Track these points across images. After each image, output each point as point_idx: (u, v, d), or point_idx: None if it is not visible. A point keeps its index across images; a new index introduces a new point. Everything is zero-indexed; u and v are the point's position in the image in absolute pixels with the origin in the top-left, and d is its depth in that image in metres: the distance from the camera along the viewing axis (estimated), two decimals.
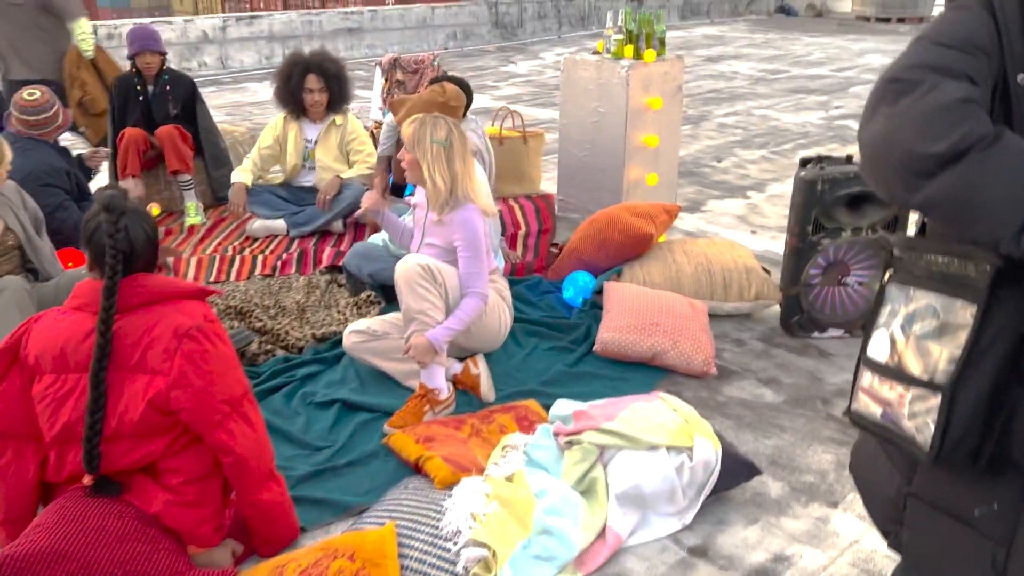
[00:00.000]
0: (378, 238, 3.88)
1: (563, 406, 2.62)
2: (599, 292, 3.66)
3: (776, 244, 4.58)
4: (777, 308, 3.64)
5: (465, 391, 3.02)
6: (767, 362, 3.35)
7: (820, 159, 3.41)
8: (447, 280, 2.93)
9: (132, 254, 2.07)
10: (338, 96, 4.65)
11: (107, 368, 2.01)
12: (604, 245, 3.81)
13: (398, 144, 4.13)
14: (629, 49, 4.43)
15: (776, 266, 3.99)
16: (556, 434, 2.52)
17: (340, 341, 3.22)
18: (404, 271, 2.87)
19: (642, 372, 3.20)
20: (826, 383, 3.20)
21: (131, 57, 4.74)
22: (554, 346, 3.37)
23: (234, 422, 2.09)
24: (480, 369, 3.04)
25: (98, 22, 10.83)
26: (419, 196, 3.15)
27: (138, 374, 2.04)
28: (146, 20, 10.83)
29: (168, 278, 2.16)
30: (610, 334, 3.24)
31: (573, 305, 3.68)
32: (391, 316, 3.14)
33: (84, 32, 4.92)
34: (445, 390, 2.89)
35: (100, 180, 5.32)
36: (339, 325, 3.49)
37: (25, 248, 3.21)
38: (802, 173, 3.35)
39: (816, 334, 3.53)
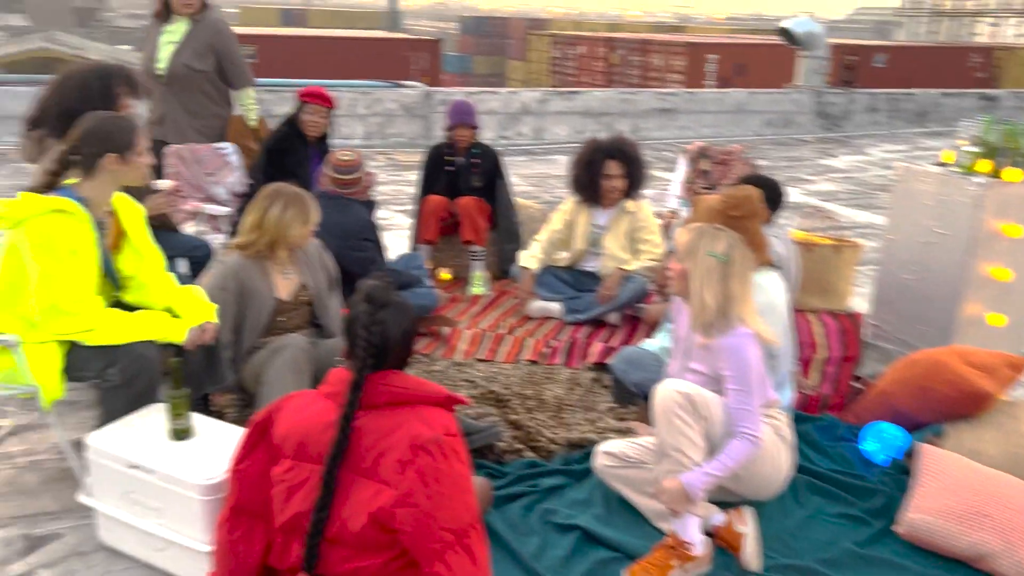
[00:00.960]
0: (653, 344, 3.56)
1: None
2: (911, 454, 3.00)
3: None
4: None
5: (725, 549, 2.56)
6: None
7: None
8: (712, 413, 2.54)
9: (385, 349, 1.96)
10: (635, 182, 4.47)
11: (340, 467, 1.91)
12: (924, 395, 3.15)
13: None
14: (985, 164, 3.72)
15: None
16: None
17: (592, 453, 2.93)
18: (662, 398, 2.53)
19: (958, 575, 2.51)
20: None
21: (447, 129, 4.95)
22: (844, 513, 2.79)
23: (455, 554, 1.87)
24: (747, 527, 2.56)
25: (439, 88, 11.89)
26: (680, 311, 2.80)
27: (368, 481, 1.90)
28: (477, 89, 11.67)
29: (417, 379, 2.02)
30: (921, 516, 2.60)
31: (874, 463, 3.06)
32: (648, 440, 2.79)
33: (251, 101, 4.99)
34: (699, 545, 2.47)
35: (399, 242, 5.60)
36: (595, 432, 3.21)
37: (315, 305, 3.33)
38: None
39: None
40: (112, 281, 2.82)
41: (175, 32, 4.69)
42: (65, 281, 2.57)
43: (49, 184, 2.64)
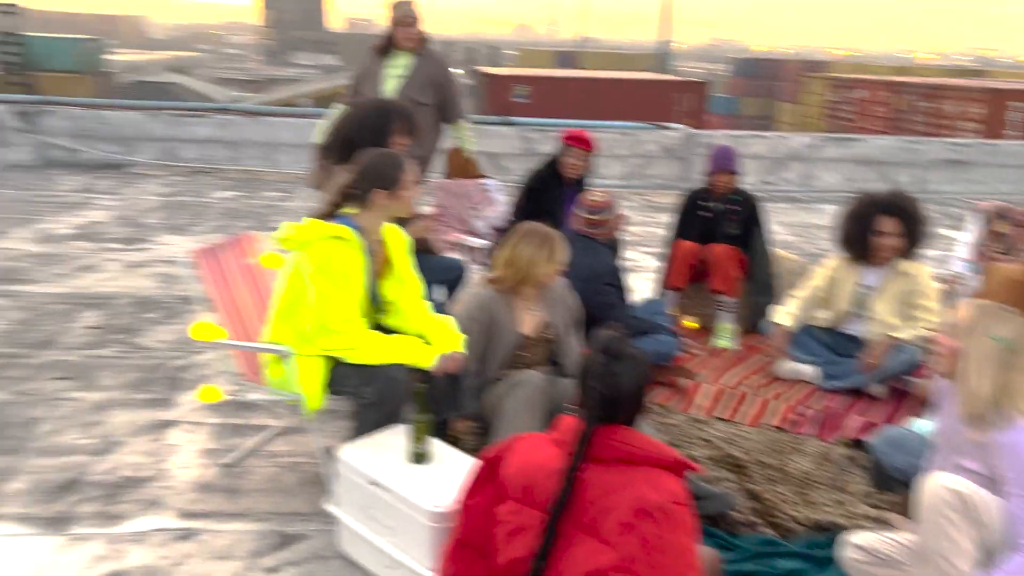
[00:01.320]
0: (923, 425, 3.17)
1: None
2: None
3: None
4: None
5: None
6: None
7: None
8: (988, 517, 2.18)
9: (616, 403, 1.90)
10: (913, 241, 4.05)
11: (562, 518, 1.87)
12: None
13: None
14: None
15: None
16: None
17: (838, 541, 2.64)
18: (930, 493, 2.22)
19: None
20: None
21: (707, 174, 4.82)
22: None
23: None
24: None
25: (701, 131, 11.70)
26: (947, 396, 2.44)
27: (587, 537, 1.84)
28: (742, 133, 11.32)
29: (647, 439, 1.93)
30: None
31: None
32: (907, 537, 2.46)
33: (467, 133, 4.98)
34: None
35: (644, 285, 5.52)
36: (844, 517, 2.90)
37: (556, 343, 3.36)
38: None
39: None
40: (375, 305, 3.04)
41: (399, 66, 4.82)
42: (336, 302, 2.81)
43: (331, 212, 2.91)
